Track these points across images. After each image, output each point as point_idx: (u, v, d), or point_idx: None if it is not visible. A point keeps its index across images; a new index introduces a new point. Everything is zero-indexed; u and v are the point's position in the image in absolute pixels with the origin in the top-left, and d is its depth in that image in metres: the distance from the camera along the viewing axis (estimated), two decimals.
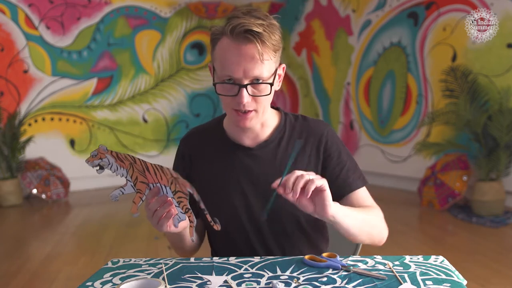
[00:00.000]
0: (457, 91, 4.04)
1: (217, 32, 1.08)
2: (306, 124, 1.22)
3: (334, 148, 1.21)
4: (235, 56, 1.04)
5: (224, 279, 0.97)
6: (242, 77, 1.04)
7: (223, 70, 1.06)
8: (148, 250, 3.34)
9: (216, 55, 1.08)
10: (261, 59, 1.04)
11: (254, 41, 1.03)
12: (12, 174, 5.00)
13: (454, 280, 0.93)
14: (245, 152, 1.19)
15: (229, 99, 1.08)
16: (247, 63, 1.03)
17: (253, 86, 1.06)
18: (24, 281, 2.83)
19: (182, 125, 6.28)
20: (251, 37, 1.02)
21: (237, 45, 1.03)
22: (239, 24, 1.02)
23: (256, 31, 1.02)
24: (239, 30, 1.02)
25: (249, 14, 1.05)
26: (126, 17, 5.85)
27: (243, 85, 1.04)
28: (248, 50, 1.03)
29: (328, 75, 5.94)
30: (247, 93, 1.05)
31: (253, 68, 1.04)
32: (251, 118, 1.09)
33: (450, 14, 4.34)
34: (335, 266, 1.01)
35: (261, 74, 1.05)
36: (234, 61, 1.04)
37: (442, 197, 4.01)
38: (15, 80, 5.29)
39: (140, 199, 0.98)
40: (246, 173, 1.18)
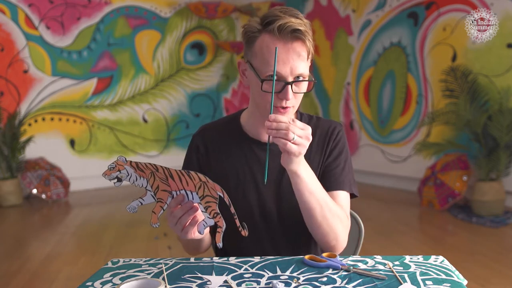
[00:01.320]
0: (457, 91, 4.04)
1: (255, 30, 1.10)
2: (320, 124, 1.26)
3: (339, 145, 1.24)
4: (282, 53, 1.06)
5: (224, 279, 0.97)
6: (288, 74, 1.07)
7: (268, 66, 1.07)
8: (148, 250, 3.34)
9: (257, 52, 1.09)
10: (306, 56, 1.08)
11: (302, 39, 1.07)
12: (12, 174, 5.00)
13: (454, 280, 0.93)
14: (263, 147, 1.21)
15: (270, 96, 1.08)
16: (294, 61, 1.07)
17: (295, 84, 1.09)
18: (24, 281, 2.83)
19: (182, 125, 6.28)
20: (299, 35, 1.06)
21: (285, 43, 1.06)
22: (286, 23, 1.05)
23: (302, 29, 1.06)
24: (287, 29, 1.05)
25: (287, 13, 1.08)
26: (126, 17, 5.85)
27: (288, 82, 1.07)
28: (296, 48, 1.07)
29: (328, 75, 5.94)
30: (291, 90, 1.07)
31: (299, 65, 1.07)
32: (289, 113, 1.12)
33: (450, 14, 4.34)
34: (335, 266, 1.01)
35: (304, 71, 1.09)
36: (281, 58, 1.06)
37: (442, 197, 4.01)
38: (15, 80, 5.29)
39: (161, 208, 0.95)
40: (260, 167, 1.20)
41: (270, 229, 1.20)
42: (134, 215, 4.89)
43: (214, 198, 0.91)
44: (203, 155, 1.24)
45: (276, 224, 1.20)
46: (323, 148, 1.23)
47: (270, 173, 1.19)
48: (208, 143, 1.25)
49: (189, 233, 0.99)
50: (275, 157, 1.18)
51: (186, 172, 0.91)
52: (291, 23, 1.05)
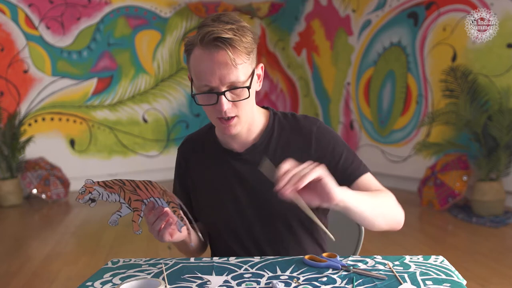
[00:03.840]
0: (457, 91, 4.04)
1: (189, 43, 1.07)
2: (295, 124, 1.19)
3: (325, 144, 1.16)
4: (208, 64, 1.03)
5: (224, 279, 0.97)
6: (219, 84, 1.03)
7: (199, 80, 1.05)
8: (148, 250, 3.34)
9: (191, 66, 1.08)
10: (234, 64, 1.02)
11: (224, 48, 1.01)
12: (12, 174, 5.00)
13: (454, 280, 0.93)
14: (235, 157, 1.19)
15: (211, 108, 1.07)
16: (221, 70, 1.02)
17: (231, 92, 1.05)
18: (24, 281, 2.83)
19: (182, 125, 6.28)
20: (220, 44, 1.01)
21: (209, 54, 1.02)
22: (208, 33, 1.01)
23: (225, 37, 1.00)
24: (209, 38, 1.01)
25: (218, 20, 1.03)
26: (126, 17, 5.85)
27: (220, 93, 1.04)
28: (220, 57, 1.02)
29: (328, 75, 5.94)
30: (226, 99, 1.04)
31: (228, 74, 1.02)
32: (235, 124, 1.08)
33: (450, 14, 4.34)
34: (335, 266, 1.01)
35: (237, 79, 1.04)
36: (208, 70, 1.03)
37: (442, 197, 4.01)
38: (15, 80, 5.29)
39: (139, 216, 1.02)
40: (237, 178, 1.18)
41: (253, 237, 1.19)
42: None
43: (176, 204, 0.97)
44: (184, 170, 1.27)
45: (259, 231, 1.18)
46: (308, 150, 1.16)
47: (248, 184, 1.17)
48: (187, 156, 1.27)
49: (165, 236, 1.03)
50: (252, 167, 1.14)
51: (149, 182, 0.96)
52: (214, 31, 1.00)
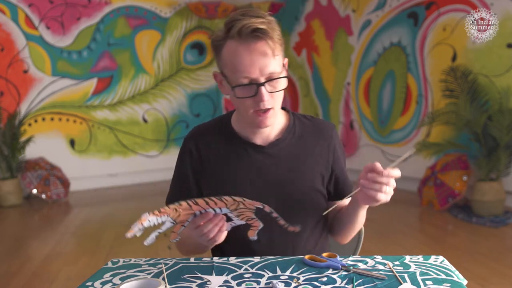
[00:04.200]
0: (457, 91, 4.04)
1: (219, 38, 1.08)
2: (316, 124, 1.26)
3: (339, 152, 1.26)
4: (248, 56, 1.04)
5: (224, 279, 0.97)
6: (259, 75, 1.05)
7: (237, 73, 1.05)
8: (148, 250, 3.33)
9: (225, 61, 1.08)
10: (273, 54, 1.05)
11: (263, 38, 1.04)
12: (12, 174, 5.00)
13: (454, 280, 0.93)
14: (257, 150, 1.19)
15: (249, 101, 1.07)
16: (260, 61, 1.04)
17: (269, 83, 1.07)
18: (24, 281, 2.83)
19: (182, 125, 6.28)
20: (260, 34, 1.03)
21: (247, 45, 1.04)
22: (244, 25, 1.03)
23: (262, 28, 1.03)
24: (247, 30, 1.03)
25: (247, 14, 1.06)
26: (126, 17, 5.85)
27: (261, 84, 1.05)
28: (259, 48, 1.04)
29: (328, 75, 5.94)
30: (266, 91, 1.06)
31: (267, 64, 1.05)
32: (270, 116, 1.11)
33: (450, 14, 4.33)
34: (335, 266, 1.01)
35: (275, 70, 1.06)
36: (248, 61, 1.04)
37: (442, 197, 4.01)
38: (15, 80, 5.29)
39: (182, 226, 0.99)
40: (257, 170, 1.19)
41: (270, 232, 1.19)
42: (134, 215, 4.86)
43: (249, 210, 0.98)
44: (196, 159, 1.23)
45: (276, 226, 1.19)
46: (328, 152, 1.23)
47: (270, 175, 1.19)
48: (200, 146, 1.23)
49: (219, 240, 1.04)
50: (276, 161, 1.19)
51: (218, 197, 0.97)
52: (251, 24, 1.03)
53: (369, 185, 1.02)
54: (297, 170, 1.20)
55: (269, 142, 1.20)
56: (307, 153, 1.21)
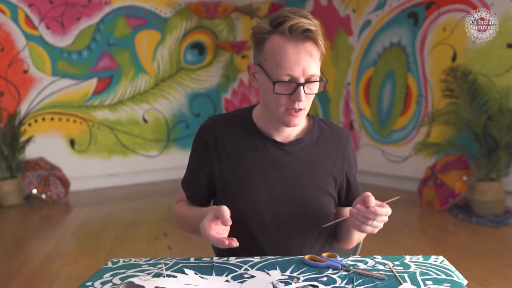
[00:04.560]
0: (457, 91, 4.04)
1: (265, 31, 1.09)
2: (334, 130, 1.28)
3: (353, 160, 1.30)
4: (294, 53, 1.05)
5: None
6: (300, 75, 1.06)
7: (280, 69, 1.06)
8: (148, 250, 3.34)
9: (268, 54, 1.08)
10: (317, 56, 1.08)
11: (314, 39, 1.06)
12: (12, 174, 4.99)
13: (454, 280, 0.93)
14: (277, 146, 1.20)
15: (285, 98, 1.08)
16: (306, 62, 1.05)
17: (308, 85, 1.08)
18: (24, 281, 2.83)
19: (182, 125, 6.28)
20: (311, 35, 1.05)
21: (296, 44, 1.05)
22: (296, 23, 1.04)
23: (313, 29, 1.05)
24: (298, 29, 1.04)
25: (297, 14, 1.06)
26: (126, 17, 5.85)
27: (300, 84, 1.06)
28: (308, 48, 1.06)
29: (328, 75, 5.94)
30: (303, 91, 1.07)
31: (311, 66, 1.06)
32: (301, 116, 1.12)
33: (450, 14, 4.34)
34: (335, 266, 1.01)
35: (316, 72, 1.08)
36: (293, 59, 1.05)
37: (442, 197, 4.01)
38: (15, 80, 5.29)
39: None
40: (275, 166, 1.19)
41: (280, 227, 1.20)
42: (134, 215, 4.88)
43: None
44: (211, 148, 1.21)
45: (286, 220, 1.19)
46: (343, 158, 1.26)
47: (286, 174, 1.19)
48: (217, 135, 1.21)
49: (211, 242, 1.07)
50: (293, 159, 1.20)
51: None
52: (302, 23, 1.04)
53: (357, 216, 1.04)
54: (312, 171, 1.21)
55: (289, 140, 1.21)
56: (323, 155, 1.23)
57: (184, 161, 1.36)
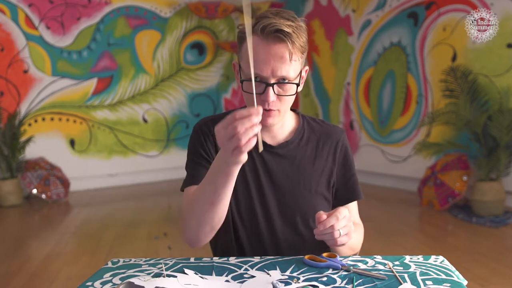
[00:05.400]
0: (457, 91, 4.04)
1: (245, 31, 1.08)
2: (325, 128, 1.26)
3: (348, 156, 1.27)
4: (264, 54, 1.04)
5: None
6: (270, 75, 1.05)
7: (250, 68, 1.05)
8: (148, 250, 3.34)
9: (244, 53, 1.09)
10: (290, 59, 1.05)
11: (284, 41, 1.04)
12: (12, 174, 4.99)
13: (454, 280, 0.93)
14: (267, 148, 1.19)
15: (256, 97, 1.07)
16: (275, 62, 1.04)
17: (279, 86, 1.07)
18: (24, 281, 2.83)
19: (182, 125, 6.28)
20: (282, 36, 1.03)
21: (267, 44, 1.04)
22: (270, 24, 1.03)
23: (286, 31, 1.03)
24: (270, 29, 1.03)
25: (278, 15, 1.06)
26: (126, 17, 5.85)
27: (270, 84, 1.05)
28: (278, 50, 1.04)
29: (328, 75, 5.94)
30: (273, 92, 1.06)
31: (281, 67, 1.05)
32: (274, 116, 1.10)
33: (450, 14, 4.34)
34: (335, 266, 1.01)
35: (288, 74, 1.06)
36: (263, 59, 1.04)
37: (442, 197, 4.01)
38: (15, 80, 5.29)
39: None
40: (265, 169, 1.19)
41: (272, 231, 1.20)
42: (134, 215, 4.86)
43: None
44: (209, 148, 1.19)
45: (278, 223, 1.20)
46: (334, 156, 1.24)
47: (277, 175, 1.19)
48: (211, 134, 1.20)
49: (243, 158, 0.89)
50: (283, 162, 1.19)
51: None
52: (276, 24, 1.02)
53: (319, 236, 1.00)
54: (303, 173, 1.20)
55: (278, 142, 1.20)
56: (314, 156, 1.22)
57: (184, 161, 1.35)
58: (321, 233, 0.98)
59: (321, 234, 0.99)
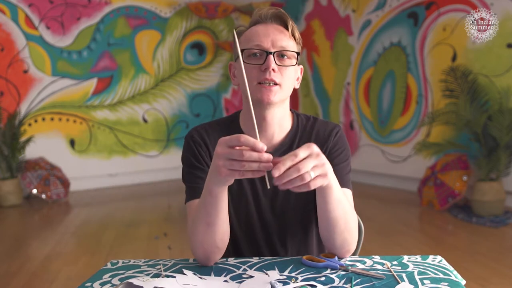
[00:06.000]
0: (457, 91, 4.04)
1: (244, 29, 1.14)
2: (317, 127, 1.21)
3: (339, 144, 1.20)
4: (263, 29, 1.09)
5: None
6: (270, 46, 1.07)
7: (250, 42, 1.09)
8: (148, 250, 3.34)
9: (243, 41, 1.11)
10: (290, 35, 1.10)
11: (283, 20, 1.11)
12: (12, 174, 5.00)
13: (452, 279, 0.93)
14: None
15: (255, 72, 1.07)
16: (275, 35, 1.08)
17: (279, 59, 1.08)
18: (24, 281, 2.83)
19: (182, 125, 6.28)
20: (281, 16, 1.10)
21: (265, 24, 1.11)
22: (268, 9, 1.11)
23: (285, 14, 1.11)
24: (268, 13, 1.11)
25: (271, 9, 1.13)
26: (126, 17, 5.85)
27: (270, 52, 1.07)
28: (278, 26, 1.11)
29: (328, 75, 5.94)
30: (273, 60, 1.07)
31: (281, 39, 1.08)
32: (275, 92, 1.08)
33: (450, 14, 4.33)
34: (334, 266, 1.01)
35: (288, 45, 1.09)
36: (262, 33, 1.08)
37: (442, 197, 4.01)
38: (15, 80, 5.29)
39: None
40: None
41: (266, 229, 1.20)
42: (134, 215, 4.85)
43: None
44: (205, 151, 1.18)
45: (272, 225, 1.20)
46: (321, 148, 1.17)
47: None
48: (208, 142, 1.18)
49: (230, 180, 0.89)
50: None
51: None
52: (274, 10, 1.10)
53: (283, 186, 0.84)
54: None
55: (274, 145, 1.17)
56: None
57: None
58: (281, 180, 0.82)
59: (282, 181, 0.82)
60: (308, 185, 0.84)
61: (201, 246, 1.03)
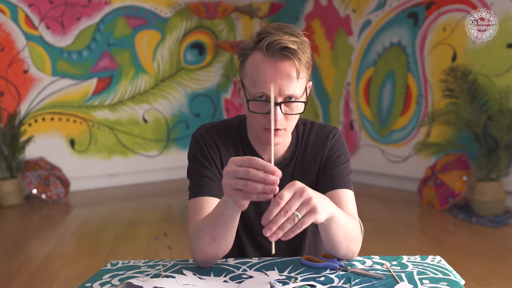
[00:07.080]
0: (457, 91, 4.04)
1: (248, 48, 1.05)
2: (314, 131, 1.21)
3: (337, 146, 1.19)
4: (271, 73, 1.01)
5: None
6: (277, 94, 1.02)
7: (256, 87, 1.03)
8: (148, 250, 3.34)
9: (247, 71, 1.05)
10: (297, 77, 1.02)
11: (291, 58, 1.00)
12: (12, 174, 5.00)
13: (451, 279, 0.93)
14: None
15: (260, 117, 1.05)
16: (282, 81, 1.01)
17: (286, 104, 1.04)
18: (24, 281, 2.83)
19: (182, 125, 6.28)
20: (288, 54, 1.00)
21: (273, 62, 1.01)
22: (275, 41, 0.99)
23: (292, 48, 0.99)
24: (275, 47, 0.99)
25: (281, 30, 1.02)
26: (126, 17, 5.85)
27: (277, 103, 1.02)
28: (284, 68, 1.01)
29: (328, 75, 5.94)
30: (280, 111, 1.03)
31: (288, 86, 1.01)
32: (280, 135, 1.07)
33: (450, 14, 4.33)
34: (333, 267, 1.01)
35: (295, 93, 1.03)
36: (269, 78, 1.00)
37: (442, 197, 4.01)
38: (15, 80, 5.29)
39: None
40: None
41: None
42: (134, 215, 4.86)
43: None
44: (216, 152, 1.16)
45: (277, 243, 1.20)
46: (318, 154, 1.19)
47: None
48: (218, 144, 1.17)
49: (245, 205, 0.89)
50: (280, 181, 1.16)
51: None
52: (281, 41, 0.99)
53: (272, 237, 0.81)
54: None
55: (276, 159, 1.16)
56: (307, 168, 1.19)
57: (184, 161, 1.35)
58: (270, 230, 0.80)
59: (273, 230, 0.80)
60: (298, 226, 0.82)
61: (202, 254, 1.03)
